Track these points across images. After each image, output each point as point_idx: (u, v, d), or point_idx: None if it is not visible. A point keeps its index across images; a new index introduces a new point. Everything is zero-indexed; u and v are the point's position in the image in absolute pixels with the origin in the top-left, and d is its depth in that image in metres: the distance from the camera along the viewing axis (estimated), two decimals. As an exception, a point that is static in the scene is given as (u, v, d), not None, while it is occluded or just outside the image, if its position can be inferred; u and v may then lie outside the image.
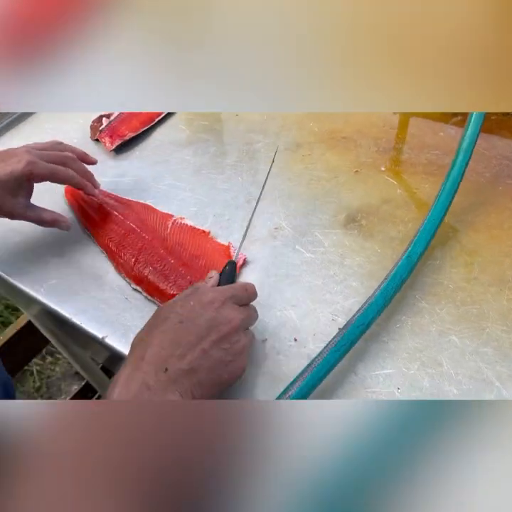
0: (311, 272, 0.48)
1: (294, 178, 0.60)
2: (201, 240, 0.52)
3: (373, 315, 0.40)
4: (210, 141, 0.67)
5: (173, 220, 0.55)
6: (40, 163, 0.48)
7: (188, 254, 0.50)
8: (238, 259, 0.49)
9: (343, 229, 0.53)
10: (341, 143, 0.64)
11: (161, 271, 0.48)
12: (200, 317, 0.36)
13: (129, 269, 0.49)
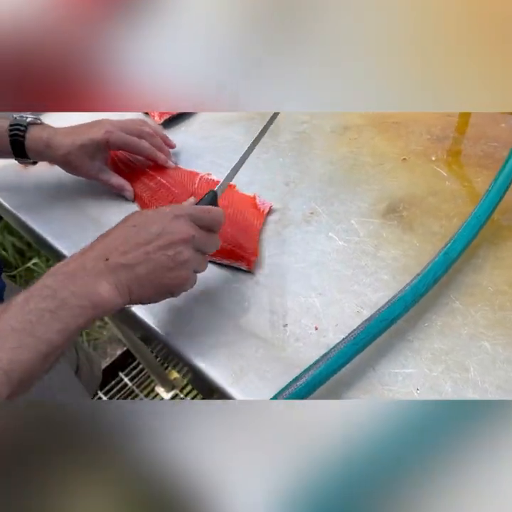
0: (342, 261, 0.47)
1: (337, 161, 0.58)
2: (227, 192, 0.54)
3: (400, 311, 0.38)
4: (256, 119, 0.66)
5: (200, 176, 0.57)
6: (117, 133, 0.53)
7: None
8: (264, 208, 0.52)
9: (382, 219, 0.50)
10: (392, 128, 0.60)
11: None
12: (153, 224, 0.38)
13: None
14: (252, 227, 0.51)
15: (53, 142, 0.52)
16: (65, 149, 0.52)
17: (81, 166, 0.54)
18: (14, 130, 0.52)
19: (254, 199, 0.54)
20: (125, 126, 0.55)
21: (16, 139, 0.52)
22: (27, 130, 0.52)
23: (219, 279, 0.48)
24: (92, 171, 0.55)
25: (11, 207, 0.60)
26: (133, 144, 0.55)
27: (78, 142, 0.52)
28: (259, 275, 0.47)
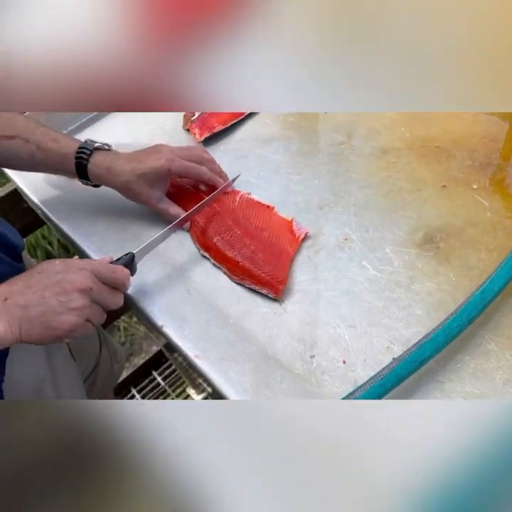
0: (374, 292, 0.46)
1: (374, 186, 0.57)
2: (266, 213, 0.55)
3: (431, 352, 0.37)
4: (293, 138, 0.66)
5: (241, 195, 0.58)
6: (177, 161, 0.53)
7: (253, 227, 0.53)
8: (300, 233, 0.52)
9: (418, 249, 0.49)
10: (433, 152, 0.59)
11: (228, 240, 0.52)
12: (56, 273, 0.41)
13: (200, 236, 0.53)
14: (285, 253, 0.51)
15: (114, 169, 0.53)
16: (125, 176, 0.53)
17: (140, 194, 0.54)
18: (80, 153, 0.54)
19: (291, 223, 0.54)
20: (185, 153, 0.55)
21: (80, 162, 0.54)
22: (92, 155, 0.54)
23: (248, 304, 0.48)
24: (151, 199, 0.55)
25: (55, 218, 0.62)
26: (194, 170, 0.55)
27: (139, 171, 0.53)
28: (288, 301, 0.47)
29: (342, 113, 0.67)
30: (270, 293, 0.47)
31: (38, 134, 0.54)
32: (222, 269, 0.51)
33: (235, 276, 0.50)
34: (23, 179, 0.69)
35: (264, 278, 0.48)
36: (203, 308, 0.48)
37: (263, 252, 0.50)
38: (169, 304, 0.49)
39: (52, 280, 0.41)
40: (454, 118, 0.63)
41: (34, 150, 0.54)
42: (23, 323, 0.39)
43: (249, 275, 0.49)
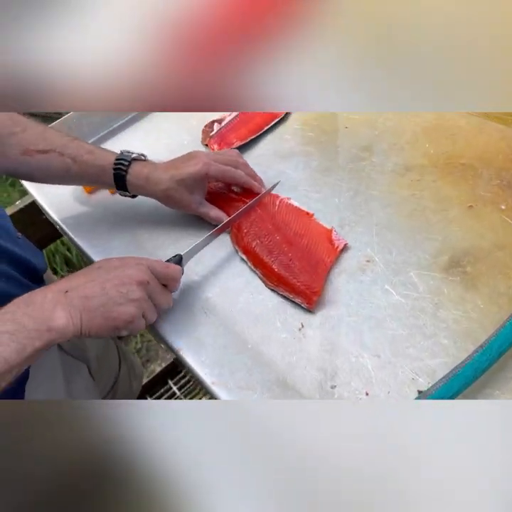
0: (398, 319, 0.45)
1: (396, 205, 0.55)
2: (305, 220, 0.55)
3: (458, 388, 0.35)
4: (313, 154, 0.64)
5: (280, 199, 0.58)
6: (214, 165, 0.54)
7: (291, 232, 0.53)
8: (339, 244, 0.51)
9: (444, 273, 0.47)
10: (458, 170, 0.57)
11: (266, 245, 0.52)
12: (114, 268, 0.43)
13: (240, 239, 0.53)
14: (322, 263, 0.50)
15: (153, 178, 0.54)
16: (164, 184, 0.54)
17: (181, 201, 0.55)
18: (118, 164, 0.54)
19: (330, 232, 0.53)
20: (220, 158, 0.56)
21: (118, 173, 0.54)
22: (130, 165, 0.54)
23: (266, 328, 0.47)
24: (192, 204, 0.55)
25: (72, 235, 0.62)
26: (230, 173, 0.55)
27: (177, 177, 0.53)
28: (308, 326, 0.46)
29: (363, 128, 0.66)
30: (303, 303, 0.47)
31: (73, 147, 0.55)
32: (258, 273, 0.51)
33: (270, 282, 0.50)
34: (40, 192, 0.69)
35: (299, 287, 0.47)
36: (220, 331, 0.47)
37: (300, 261, 0.50)
38: (185, 325, 0.49)
39: (111, 274, 0.42)
40: (479, 133, 0.61)
41: (70, 163, 0.54)
42: (84, 313, 0.40)
43: (284, 283, 0.48)
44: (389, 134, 0.64)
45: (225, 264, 0.54)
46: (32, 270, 0.54)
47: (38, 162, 0.55)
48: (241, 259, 0.53)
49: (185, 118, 0.76)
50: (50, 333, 0.38)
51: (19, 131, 0.54)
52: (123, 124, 0.77)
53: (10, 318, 0.37)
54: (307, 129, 0.68)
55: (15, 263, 0.51)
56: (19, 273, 0.52)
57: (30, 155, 0.54)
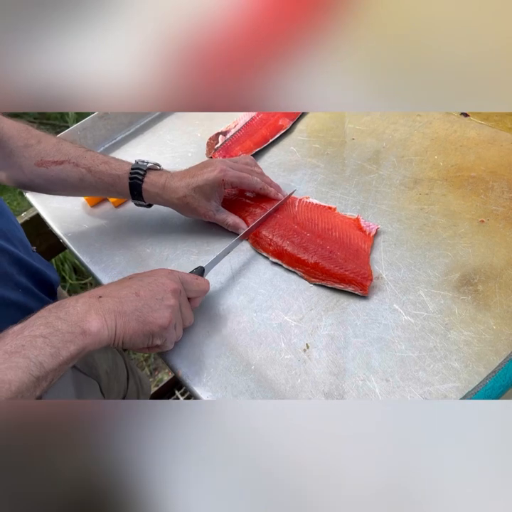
0: (407, 340, 0.43)
1: (405, 220, 0.53)
2: (329, 214, 0.55)
3: (472, 418, 0.34)
4: (319, 167, 0.63)
5: (299, 200, 0.57)
6: (230, 171, 0.54)
7: (319, 228, 0.53)
8: (370, 230, 0.51)
9: (455, 292, 0.46)
10: (468, 183, 0.55)
11: (299, 243, 0.51)
12: (147, 277, 0.43)
13: (267, 245, 0.53)
14: (361, 250, 0.50)
15: (170, 186, 0.54)
16: (181, 192, 0.53)
17: (198, 207, 0.54)
18: (134, 173, 0.54)
19: (358, 221, 0.53)
20: (236, 165, 0.56)
21: (134, 182, 0.54)
22: (146, 174, 0.54)
23: (270, 349, 0.45)
24: (209, 211, 0.55)
25: (75, 249, 0.61)
26: (246, 180, 0.55)
27: (194, 184, 0.53)
28: (313, 347, 0.45)
29: (370, 139, 0.64)
30: (357, 290, 0.47)
31: (88, 158, 0.55)
32: (298, 273, 0.50)
33: (314, 278, 0.49)
34: (43, 205, 0.69)
35: (349, 276, 0.47)
36: (222, 351, 0.46)
37: (340, 251, 0.49)
38: (187, 345, 0.47)
39: (144, 281, 0.42)
40: (490, 145, 0.59)
41: (84, 173, 0.55)
42: (119, 317, 0.39)
43: (331, 275, 0.48)
44: (397, 146, 0.62)
45: (228, 282, 0.52)
46: (47, 283, 0.54)
47: (54, 173, 0.55)
48: (273, 264, 0.53)
49: (188, 130, 0.75)
50: (84, 336, 0.36)
51: (34, 143, 0.55)
52: (127, 137, 0.77)
53: (43, 323, 0.36)
54: (313, 140, 0.67)
55: (31, 276, 0.51)
56: (35, 286, 0.51)
57: (46, 166, 0.55)
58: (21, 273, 0.50)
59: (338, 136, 0.67)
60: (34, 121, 2.04)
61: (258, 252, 0.54)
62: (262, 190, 0.57)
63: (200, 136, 0.73)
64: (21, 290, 0.49)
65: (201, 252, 0.57)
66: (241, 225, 0.56)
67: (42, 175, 0.55)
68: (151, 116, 0.80)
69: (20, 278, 0.49)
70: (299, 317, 0.47)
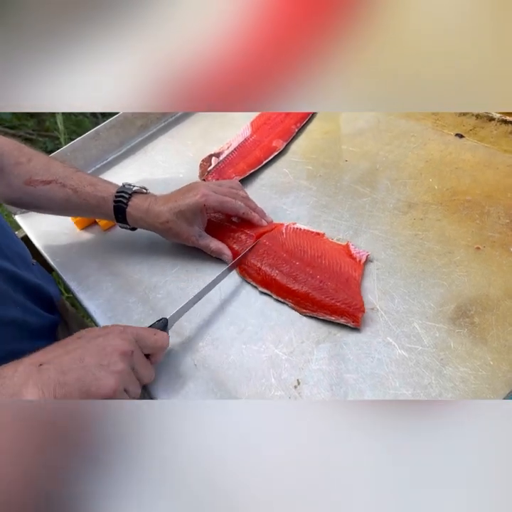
0: (401, 376, 0.41)
1: (399, 246, 0.52)
2: (318, 241, 0.53)
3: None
4: (311, 190, 0.62)
5: (286, 226, 0.56)
6: (213, 196, 0.53)
7: (309, 256, 0.51)
8: (360, 257, 0.50)
9: (450, 324, 0.44)
10: (464, 208, 0.54)
11: (288, 273, 0.50)
12: (96, 337, 0.39)
13: (255, 274, 0.51)
14: (352, 279, 0.48)
15: (153, 210, 0.53)
16: (163, 217, 0.53)
17: (181, 232, 0.54)
18: (119, 197, 0.54)
19: (347, 247, 0.52)
20: (220, 189, 0.55)
21: (119, 205, 0.53)
22: (131, 198, 0.54)
23: (260, 385, 0.44)
24: (192, 236, 0.54)
25: (62, 274, 0.60)
26: (229, 204, 0.54)
27: (176, 209, 0.52)
28: (305, 383, 0.43)
29: (364, 161, 0.63)
30: (349, 322, 0.45)
31: (75, 179, 0.55)
32: (288, 303, 0.49)
33: (304, 309, 0.48)
34: (31, 227, 0.68)
35: (340, 307, 0.45)
36: (210, 387, 0.44)
37: (330, 281, 0.48)
38: (173, 379, 0.46)
39: (91, 344, 0.39)
40: (485, 167, 0.58)
41: (71, 194, 0.54)
42: (59, 389, 0.36)
43: (322, 306, 0.46)
44: (390, 168, 0.61)
45: (218, 311, 0.51)
46: (47, 298, 0.54)
47: (41, 192, 0.55)
48: (261, 293, 0.51)
49: (181, 150, 0.74)
50: None
51: (25, 161, 0.55)
52: (118, 157, 0.76)
53: None
54: (306, 162, 0.66)
55: (30, 291, 0.50)
56: (33, 302, 0.50)
57: (34, 185, 0.55)
58: (17, 290, 0.49)
59: (331, 157, 0.65)
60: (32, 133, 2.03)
61: (246, 281, 0.53)
62: (244, 215, 0.55)
63: (193, 157, 0.72)
64: (19, 307, 0.48)
65: (191, 278, 0.55)
66: (224, 250, 0.55)
67: (30, 193, 0.55)
68: (142, 136, 0.79)
69: (17, 295, 0.48)
70: (289, 350, 0.46)
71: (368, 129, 0.68)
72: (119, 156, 0.76)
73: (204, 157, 0.70)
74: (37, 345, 0.48)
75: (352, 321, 0.45)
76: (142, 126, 0.79)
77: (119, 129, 0.76)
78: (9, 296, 0.47)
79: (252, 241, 0.54)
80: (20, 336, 0.48)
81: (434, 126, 0.66)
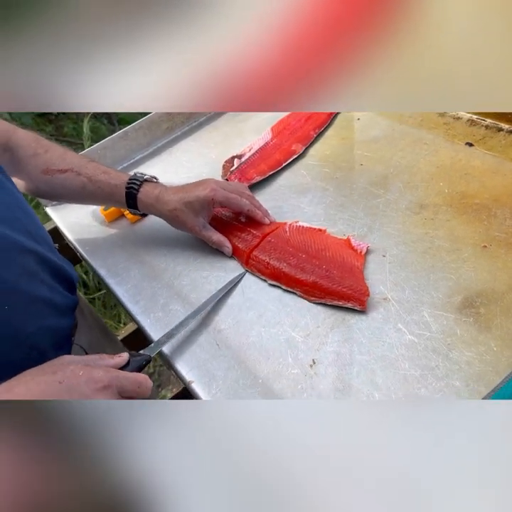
0: (410, 359, 0.44)
1: (411, 243, 0.56)
2: (320, 236, 0.57)
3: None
4: (328, 190, 0.66)
5: (289, 225, 0.60)
6: (221, 191, 0.57)
7: (313, 250, 0.55)
8: (361, 248, 0.54)
9: (457, 314, 0.47)
10: (472, 210, 0.57)
11: (296, 265, 0.54)
12: (78, 388, 0.36)
13: (264, 268, 0.55)
14: (355, 268, 0.52)
15: (163, 198, 0.57)
16: (172, 205, 0.56)
17: (186, 222, 0.57)
18: (131, 184, 0.58)
19: (348, 241, 0.56)
20: (228, 186, 0.59)
21: (130, 192, 0.58)
22: (142, 185, 0.58)
23: (278, 363, 0.47)
24: (196, 226, 0.58)
25: (91, 261, 0.64)
26: (235, 200, 0.58)
27: (185, 199, 0.56)
28: (320, 363, 0.46)
29: (378, 166, 0.67)
30: (356, 306, 0.49)
31: (90, 168, 0.59)
32: (297, 292, 0.53)
33: (313, 297, 0.51)
34: (62, 219, 0.72)
35: (346, 293, 0.49)
36: (231, 364, 0.48)
37: (336, 269, 0.52)
38: (197, 357, 0.49)
39: (62, 388, 0.36)
40: (494, 174, 0.61)
41: (86, 182, 0.59)
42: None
43: (330, 293, 0.50)
44: (403, 172, 0.65)
45: (238, 297, 0.54)
46: (68, 279, 0.57)
47: (57, 180, 0.59)
48: (271, 286, 0.55)
49: (204, 152, 0.79)
50: None
51: (42, 152, 0.59)
52: (145, 157, 0.81)
53: None
54: (323, 165, 0.70)
55: (55, 272, 0.54)
56: (58, 282, 0.54)
57: (51, 174, 0.59)
58: (45, 270, 0.52)
59: (347, 161, 0.69)
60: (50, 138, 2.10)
61: (255, 275, 0.56)
62: (249, 212, 0.59)
63: (215, 158, 0.76)
64: (46, 286, 0.52)
65: (213, 268, 0.59)
66: (225, 243, 0.58)
67: (47, 182, 0.60)
68: (168, 138, 0.84)
69: (45, 275, 0.52)
70: (306, 333, 0.49)
71: (383, 136, 0.72)
72: (146, 155, 0.81)
73: (227, 158, 0.74)
74: (61, 322, 0.52)
75: (358, 304, 0.49)
76: (168, 129, 0.84)
77: (147, 131, 0.81)
78: (38, 275, 0.51)
79: (258, 240, 0.58)
80: (48, 312, 0.51)
81: (445, 136, 0.69)
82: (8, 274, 0.45)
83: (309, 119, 0.77)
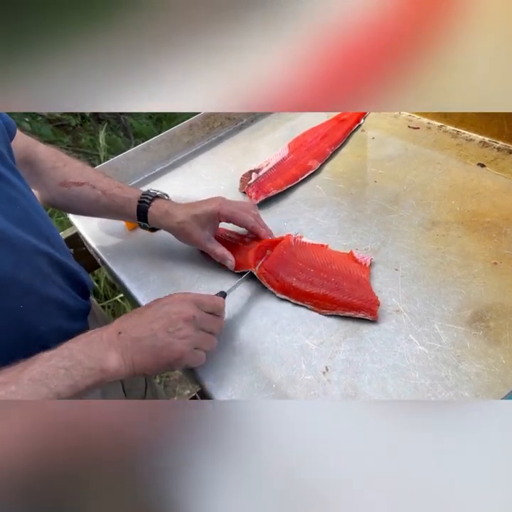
0: (420, 369, 0.46)
1: (423, 258, 0.57)
2: (324, 250, 0.60)
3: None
4: (342, 205, 0.68)
5: (294, 238, 0.62)
6: (227, 206, 0.59)
7: (319, 264, 0.58)
8: (365, 261, 0.57)
9: (467, 327, 0.49)
10: (483, 228, 0.59)
11: (305, 279, 0.56)
12: (162, 306, 0.46)
13: (274, 281, 0.56)
14: (362, 279, 0.54)
15: (172, 212, 0.60)
16: (180, 218, 0.59)
17: (192, 234, 0.59)
18: (144, 198, 0.61)
19: (352, 254, 0.58)
20: (235, 203, 0.61)
21: (143, 205, 0.61)
22: (153, 200, 0.61)
23: (291, 369, 0.49)
24: (201, 239, 0.60)
25: (112, 266, 0.66)
26: (240, 216, 0.59)
27: (192, 213, 0.59)
28: (333, 370, 0.48)
29: (392, 183, 0.69)
30: (367, 315, 0.51)
31: (105, 182, 0.63)
32: (308, 306, 0.54)
33: (324, 309, 0.53)
34: (84, 226, 0.74)
35: (357, 303, 0.51)
36: (246, 369, 0.49)
37: (345, 281, 0.54)
38: (213, 361, 0.51)
39: (159, 312, 0.45)
40: (505, 193, 0.63)
41: (100, 195, 0.62)
42: (136, 355, 0.43)
43: (341, 304, 0.52)
44: (417, 190, 0.67)
45: (253, 303, 0.56)
46: (82, 284, 0.59)
47: (73, 192, 0.62)
48: (280, 300, 0.56)
49: (223, 166, 0.82)
50: (102, 373, 0.41)
51: (61, 166, 0.63)
52: (165, 169, 0.84)
53: (67, 355, 0.41)
54: (338, 181, 0.72)
55: (68, 276, 0.56)
56: (71, 286, 0.56)
57: (68, 186, 0.62)
58: (57, 273, 0.54)
59: (362, 178, 0.72)
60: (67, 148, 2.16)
61: (264, 285, 0.57)
62: (253, 228, 0.61)
63: (234, 172, 0.79)
64: (59, 288, 0.54)
65: (230, 275, 0.61)
66: (228, 256, 0.60)
67: (64, 194, 0.63)
68: (188, 151, 0.87)
69: (58, 277, 0.54)
70: (319, 341, 0.50)
71: (397, 155, 0.75)
72: (167, 167, 0.84)
73: (244, 172, 0.76)
74: (73, 326, 0.54)
75: (370, 314, 0.51)
76: (188, 143, 0.87)
77: (168, 143, 0.84)
78: (50, 277, 0.53)
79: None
80: (60, 314, 0.53)
81: (458, 156, 0.71)
82: (23, 274, 0.47)
83: (325, 137, 0.79)
